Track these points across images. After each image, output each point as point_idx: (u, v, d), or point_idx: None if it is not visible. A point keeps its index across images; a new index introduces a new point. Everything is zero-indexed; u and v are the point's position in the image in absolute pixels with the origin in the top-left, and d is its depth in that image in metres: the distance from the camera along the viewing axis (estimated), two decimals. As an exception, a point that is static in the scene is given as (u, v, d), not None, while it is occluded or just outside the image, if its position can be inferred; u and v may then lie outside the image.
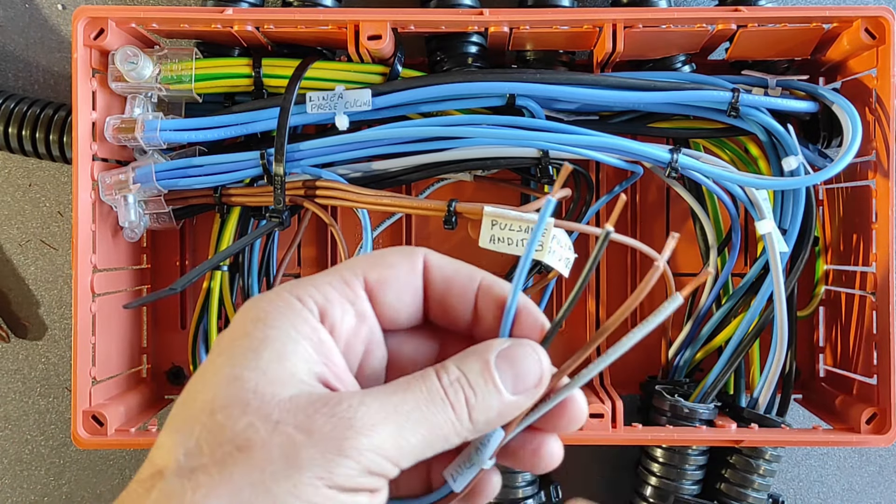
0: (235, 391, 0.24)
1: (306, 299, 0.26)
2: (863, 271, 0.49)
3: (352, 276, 0.28)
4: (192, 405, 0.25)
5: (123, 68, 0.47)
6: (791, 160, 0.47)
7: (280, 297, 0.26)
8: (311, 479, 0.23)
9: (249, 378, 0.24)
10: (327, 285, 0.27)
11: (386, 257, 0.29)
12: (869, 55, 0.47)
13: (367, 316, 0.28)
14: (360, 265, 0.28)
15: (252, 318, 0.26)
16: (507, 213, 0.45)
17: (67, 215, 0.57)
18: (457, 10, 0.49)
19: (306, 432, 0.23)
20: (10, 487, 0.57)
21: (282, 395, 0.24)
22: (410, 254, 0.29)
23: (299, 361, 0.25)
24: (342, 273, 0.28)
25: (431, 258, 0.29)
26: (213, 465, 0.23)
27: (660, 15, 0.47)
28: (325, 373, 0.26)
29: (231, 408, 0.24)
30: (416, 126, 0.48)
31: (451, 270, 0.29)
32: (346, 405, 0.24)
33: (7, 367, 0.57)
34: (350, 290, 0.27)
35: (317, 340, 0.26)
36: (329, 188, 0.48)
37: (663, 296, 0.54)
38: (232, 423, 0.24)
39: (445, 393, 0.26)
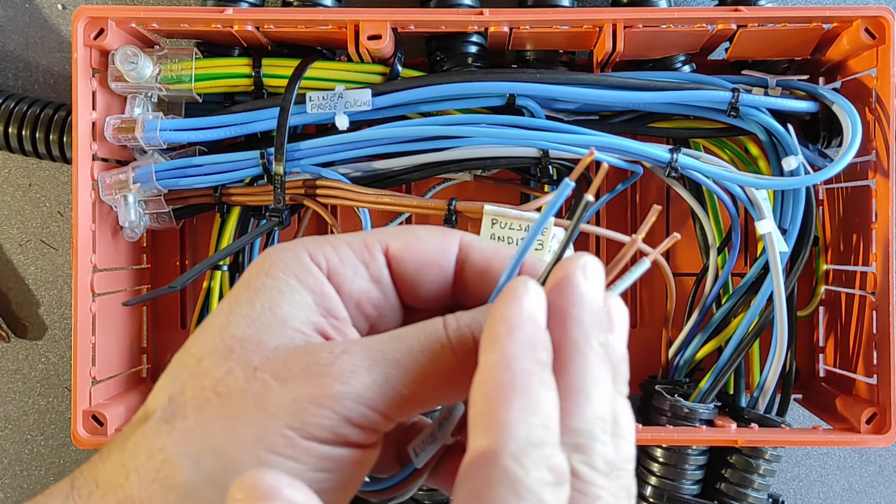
0: (223, 338, 0.24)
1: (317, 254, 0.26)
2: (863, 271, 0.49)
3: (374, 240, 0.27)
4: (185, 352, 0.25)
5: (123, 68, 0.47)
6: (791, 160, 0.47)
7: (290, 249, 0.26)
8: (281, 429, 0.22)
9: (238, 325, 0.24)
10: (345, 245, 0.26)
11: (416, 230, 0.28)
12: (869, 55, 0.47)
13: (383, 282, 0.27)
14: (386, 232, 0.27)
15: (258, 268, 0.26)
16: (508, 211, 0.45)
17: (67, 215, 0.57)
18: (457, 10, 0.49)
19: (282, 379, 0.23)
20: (10, 487, 0.57)
21: (267, 344, 0.24)
22: (444, 233, 0.27)
23: (295, 310, 0.25)
24: (364, 235, 0.27)
25: (469, 239, 0.28)
26: (192, 410, 0.23)
27: (660, 15, 0.47)
28: (324, 324, 0.25)
29: (216, 354, 0.24)
30: (417, 126, 0.48)
31: (491, 252, 0.27)
32: (327, 352, 0.23)
33: (7, 367, 0.57)
34: (367, 253, 0.26)
35: (319, 292, 0.25)
36: (330, 187, 0.48)
37: (663, 292, 0.54)
38: (214, 369, 0.24)
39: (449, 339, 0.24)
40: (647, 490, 0.51)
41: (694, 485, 0.51)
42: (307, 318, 0.25)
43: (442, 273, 0.27)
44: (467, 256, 0.27)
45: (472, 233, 0.28)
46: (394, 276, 0.27)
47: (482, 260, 0.27)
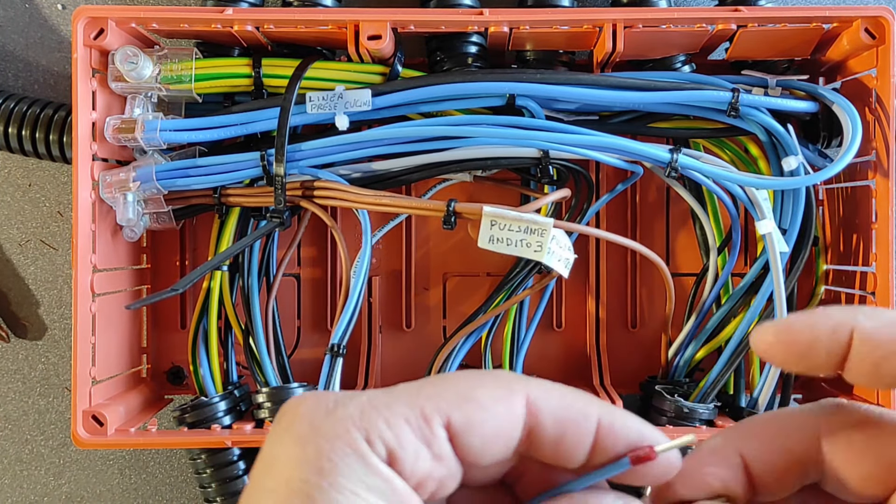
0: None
1: (375, 441, 0.23)
2: (863, 271, 0.49)
3: (433, 411, 0.23)
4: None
5: (123, 68, 0.47)
6: (791, 160, 0.47)
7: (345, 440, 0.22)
8: None
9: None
10: (402, 422, 0.23)
11: (478, 394, 0.24)
12: (869, 55, 0.47)
13: (445, 458, 0.24)
14: (446, 399, 0.24)
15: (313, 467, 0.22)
16: (507, 213, 0.45)
17: (67, 215, 0.57)
18: (457, 10, 0.49)
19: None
20: (10, 487, 0.57)
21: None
22: (508, 392, 0.24)
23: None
24: (422, 406, 0.23)
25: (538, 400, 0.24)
26: None
27: (660, 15, 0.47)
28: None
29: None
30: (417, 126, 0.48)
31: (563, 413, 0.24)
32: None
33: (7, 367, 0.57)
34: (428, 429, 0.23)
35: (387, 492, 0.22)
36: (327, 188, 0.48)
37: (663, 293, 0.54)
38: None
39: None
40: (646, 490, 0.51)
41: (694, 485, 0.50)
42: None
43: (509, 441, 0.24)
44: (537, 420, 0.24)
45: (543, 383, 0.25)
46: (455, 447, 0.24)
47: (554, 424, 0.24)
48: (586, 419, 0.24)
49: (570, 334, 0.56)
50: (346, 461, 0.22)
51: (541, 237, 0.44)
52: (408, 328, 0.56)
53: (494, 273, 0.56)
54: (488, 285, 0.56)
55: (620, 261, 0.56)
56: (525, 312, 0.52)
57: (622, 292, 0.56)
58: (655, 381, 0.52)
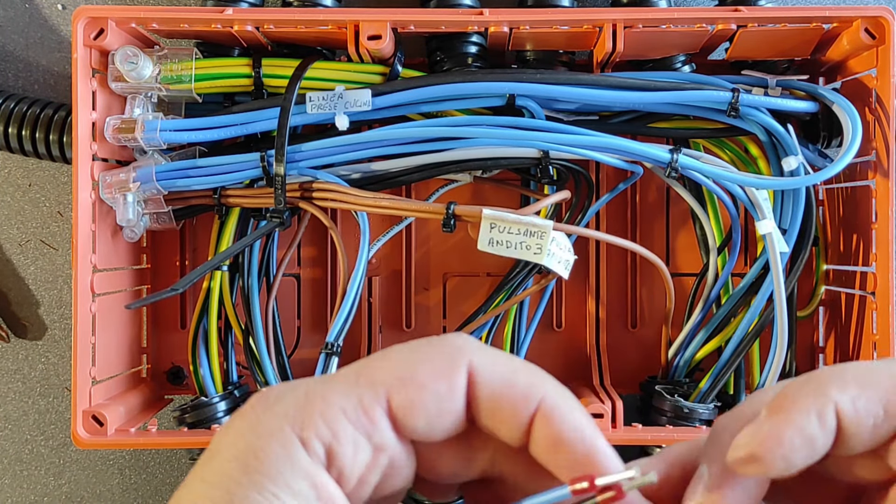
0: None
1: (310, 439, 0.22)
2: (863, 271, 0.49)
3: (372, 399, 0.23)
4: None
5: (123, 68, 0.47)
6: (791, 160, 0.47)
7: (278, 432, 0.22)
8: None
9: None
10: (339, 414, 0.22)
11: (417, 371, 0.23)
12: (869, 55, 0.47)
13: (388, 446, 0.23)
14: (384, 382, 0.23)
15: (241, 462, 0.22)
16: (506, 215, 0.45)
17: (67, 215, 0.57)
18: (457, 10, 0.49)
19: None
20: (10, 487, 0.57)
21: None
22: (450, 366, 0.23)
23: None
24: (360, 394, 0.23)
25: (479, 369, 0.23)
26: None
27: (660, 15, 0.47)
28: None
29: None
30: (417, 127, 0.48)
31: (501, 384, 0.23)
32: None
33: (7, 367, 0.57)
34: (367, 419, 0.23)
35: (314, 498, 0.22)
36: (326, 190, 0.48)
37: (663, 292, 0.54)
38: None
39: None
40: (646, 490, 0.51)
41: (694, 485, 0.50)
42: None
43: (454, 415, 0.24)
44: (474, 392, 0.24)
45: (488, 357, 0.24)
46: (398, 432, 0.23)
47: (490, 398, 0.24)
48: (525, 399, 0.23)
49: (570, 334, 0.56)
50: (275, 462, 0.22)
51: (540, 239, 0.44)
52: (408, 328, 0.56)
53: (494, 273, 0.56)
54: (488, 285, 0.56)
55: (620, 261, 0.56)
56: (525, 312, 0.52)
57: (622, 292, 0.56)
58: (655, 381, 0.52)
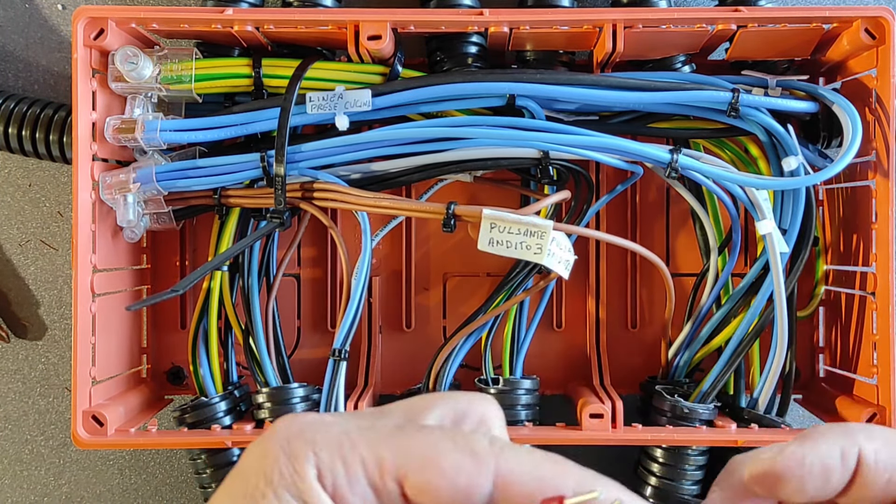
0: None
1: (326, 472, 0.23)
2: (863, 271, 0.49)
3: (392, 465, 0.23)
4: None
5: (123, 68, 0.47)
6: (791, 160, 0.47)
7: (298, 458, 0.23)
8: None
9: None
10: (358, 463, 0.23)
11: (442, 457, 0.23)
12: (869, 55, 0.47)
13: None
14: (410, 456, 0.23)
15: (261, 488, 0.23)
16: (506, 215, 0.45)
17: (67, 215, 0.57)
18: (457, 10, 0.49)
19: None
20: (10, 487, 0.57)
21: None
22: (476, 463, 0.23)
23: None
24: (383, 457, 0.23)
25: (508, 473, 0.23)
26: None
27: (660, 15, 0.47)
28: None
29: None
30: (417, 127, 0.48)
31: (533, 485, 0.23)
32: None
33: (7, 367, 0.57)
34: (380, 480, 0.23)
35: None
36: (327, 190, 0.48)
37: (663, 293, 0.54)
38: None
39: None
40: (646, 490, 0.51)
41: (694, 485, 0.51)
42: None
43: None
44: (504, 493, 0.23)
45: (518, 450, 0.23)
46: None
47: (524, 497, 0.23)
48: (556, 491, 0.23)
49: (570, 334, 0.56)
50: (295, 482, 0.22)
51: (541, 239, 0.44)
52: (408, 328, 0.56)
53: (494, 273, 0.56)
54: (488, 286, 0.56)
55: (620, 261, 0.56)
56: (525, 313, 0.52)
57: (622, 292, 0.56)
58: (655, 381, 0.53)
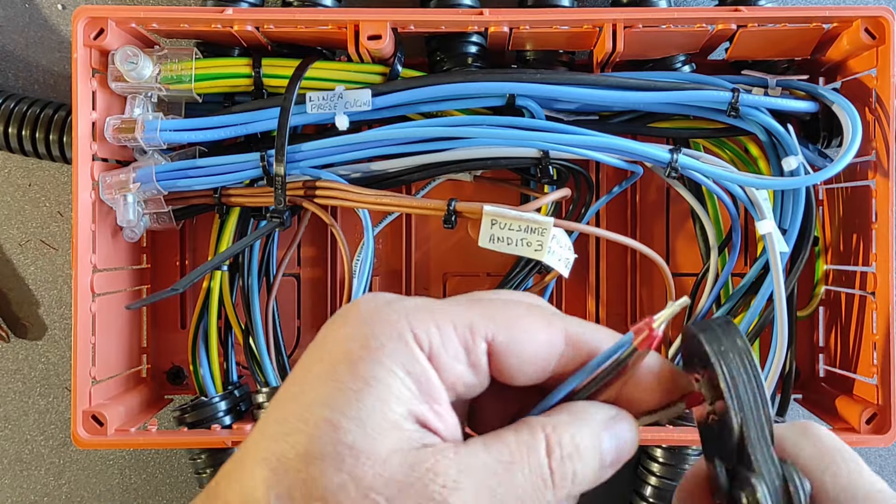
0: (332, 443, 0.24)
1: (421, 335, 0.25)
2: (863, 271, 0.49)
3: (481, 325, 0.26)
4: (286, 439, 0.24)
5: (123, 68, 0.47)
6: (791, 160, 0.47)
7: (394, 324, 0.25)
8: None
9: (348, 429, 0.24)
10: (450, 325, 0.26)
11: (525, 320, 0.27)
12: (869, 55, 0.47)
13: (479, 368, 0.26)
14: (495, 319, 0.26)
15: (361, 343, 0.25)
16: (507, 212, 0.45)
17: (67, 215, 0.57)
18: (457, 10, 0.49)
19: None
20: (10, 487, 0.57)
21: (379, 454, 0.24)
22: (550, 324, 0.27)
23: (401, 405, 0.24)
24: (471, 318, 0.26)
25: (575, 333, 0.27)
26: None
27: (660, 15, 0.47)
28: (426, 412, 0.25)
29: (326, 461, 0.24)
30: (417, 127, 0.48)
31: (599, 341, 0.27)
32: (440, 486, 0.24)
33: (7, 367, 0.57)
34: (471, 339, 0.26)
35: (424, 381, 0.25)
36: (328, 188, 0.48)
37: (663, 293, 0.54)
38: (325, 479, 0.23)
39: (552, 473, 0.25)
40: (646, 490, 0.51)
41: (694, 485, 0.50)
42: (411, 411, 0.25)
43: (545, 367, 0.27)
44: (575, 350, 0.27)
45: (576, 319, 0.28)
46: (492, 365, 0.27)
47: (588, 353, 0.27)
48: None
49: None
50: (391, 343, 0.25)
51: (541, 236, 0.44)
52: (408, 328, 0.56)
53: (494, 273, 0.56)
54: (488, 285, 0.56)
55: (620, 260, 0.56)
56: (525, 312, 0.52)
57: (622, 292, 0.56)
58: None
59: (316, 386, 0.25)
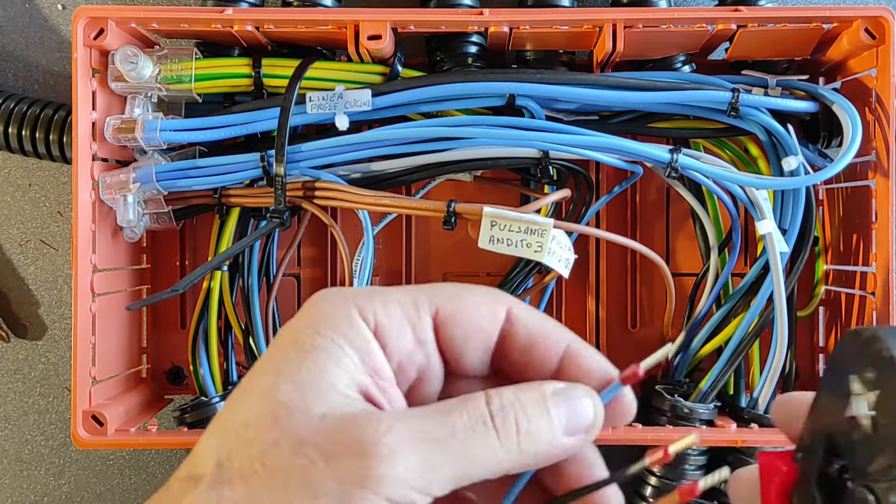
0: (269, 404, 0.24)
1: (366, 310, 0.26)
2: (863, 271, 0.49)
3: (424, 299, 0.27)
4: (232, 411, 0.25)
5: (123, 68, 0.47)
6: (791, 160, 0.47)
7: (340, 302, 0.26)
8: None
9: (284, 391, 0.24)
10: (394, 302, 0.26)
11: (467, 295, 0.28)
12: (869, 55, 0.47)
13: (427, 343, 0.27)
14: (437, 294, 0.27)
15: (307, 323, 0.26)
16: (507, 213, 0.45)
17: (67, 215, 0.57)
18: (457, 10, 0.49)
19: (326, 457, 0.23)
20: (10, 487, 0.57)
21: (313, 412, 0.24)
22: (494, 300, 0.28)
23: (342, 372, 0.25)
24: (415, 294, 0.27)
25: (517, 311, 0.28)
26: (239, 481, 0.23)
27: (660, 15, 0.47)
28: (369, 385, 0.25)
29: (262, 422, 0.24)
30: (417, 127, 0.48)
31: (537, 328, 0.28)
32: (373, 430, 0.23)
33: (7, 367, 0.57)
34: (415, 313, 0.27)
35: (366, 351, 0.25)
36: (328, 189, 0.48)
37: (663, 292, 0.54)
38: (261, 438, 0.24)
39: (492, 418, 0.25)
40: (646, 490, 0.51)
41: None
42: (353, 380, 0.25)
43: (487, 342, 0.28)
44: (513, 328, 0.28)
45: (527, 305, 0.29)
46: (438, 340, 0.27)
47: (527, 336, 0.28)
48: (556, 342, 0.28)
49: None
50: (334, 318, 0.26)
51: (541, 237, 0.44)
52: (408, 328, 0.56)
53: (494, 273, 0.56)
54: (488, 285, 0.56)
55: (620, 261, 0.56)
56: (525, 312, 0.52)
57: (622, 292, 0.56)
58: (655, 381, 0.52)
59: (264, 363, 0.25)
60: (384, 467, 0.23)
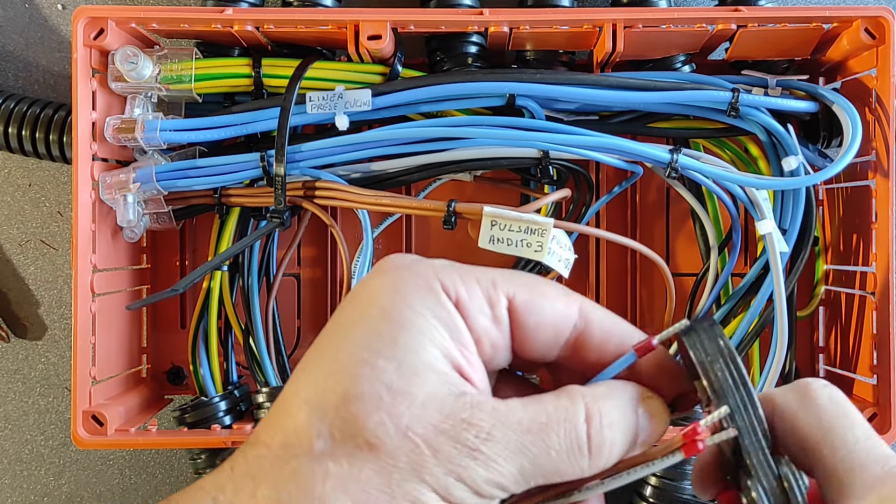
0: (370, 383, 0.25)
1: (448, 285, 0.26)
2: (863, 271, 0.49)
3: (503, 282, 0.28)
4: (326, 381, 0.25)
5: (123, 68, 0.47)
6: (791, 160, 0.47)
7: (423, 276, 0.27)
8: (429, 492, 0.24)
9: (385, 369, 0.25)
10: (474, 280, 0.27)
11: (542, 286, 0.28)
12: (869, 55, 0.47)
13: (502, 325, 0.28)
14: (514, 279, 0.28)
15: (392, 290, 0.26)
16: (507, 213, 0.45)
17: (67, 215, 0.57)
18: (457, 10, 0.49)
19: (433, 449, 0.24)
20: (10, 487, 0.57)
21: (416, 395, 0.25)
22: (567, 296, 0.29)
23: (436, 351, 0.26)
24: (493, 276, 0.28)
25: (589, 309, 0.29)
26: (344, 457, 0.24)
27: (660, 15, 0.47)
28: (460, 359, 0.26)
29: (365, 401, 0.25)
30: (417, 127, 0.48)
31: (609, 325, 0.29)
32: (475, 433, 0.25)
33: (7, 367, 0.57)
34: (494, 294, 0.27)
35: (453, 328, 0.26)
36: (328, 189, 0.48)
37: (663, 293, 0.54)
38: (364, 417, 0.24)
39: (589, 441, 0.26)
40: (646, 490, 0.51)
41: (694, 485, 0.50)
42: (446, 357, 0.26)
43: (557, 335, 0.28)
44: (586, 326, 0.29)
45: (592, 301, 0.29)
46: (512, 324, 0.28)
47: (601, 333, 0.29)
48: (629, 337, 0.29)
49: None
50: (421, 291, 0.26)
51: (541, 237, 0.44)
52: (408, 328, 0.56)
53: (495, 273, 0.56)
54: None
55: (620, 261, 0.56)
56: (525, 312, 0.52)
57: (622, 292, 0.56)
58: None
59: (351, 330, 0.26)
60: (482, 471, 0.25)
